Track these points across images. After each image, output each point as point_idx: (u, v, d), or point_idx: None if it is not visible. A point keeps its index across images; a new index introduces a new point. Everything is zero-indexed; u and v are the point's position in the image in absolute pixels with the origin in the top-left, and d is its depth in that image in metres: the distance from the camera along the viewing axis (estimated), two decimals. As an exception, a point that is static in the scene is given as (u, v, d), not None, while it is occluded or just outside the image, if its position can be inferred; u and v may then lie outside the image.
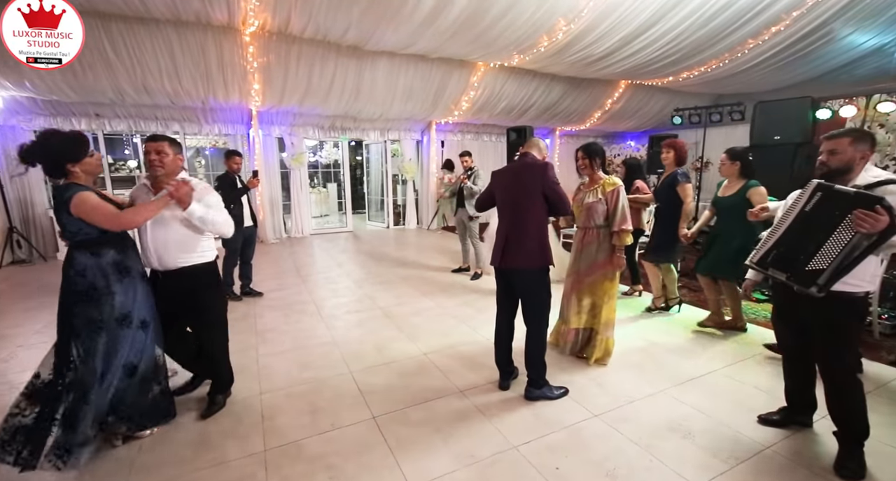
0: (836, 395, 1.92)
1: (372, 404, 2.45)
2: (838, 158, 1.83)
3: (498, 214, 2.65)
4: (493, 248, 2.60)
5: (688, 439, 2.12)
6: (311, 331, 3.56)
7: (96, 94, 5.89)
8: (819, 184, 1.77)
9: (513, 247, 2.44)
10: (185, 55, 5.55)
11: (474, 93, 7.85)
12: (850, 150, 1.81)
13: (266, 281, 5.08)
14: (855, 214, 1.59)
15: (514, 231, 2.45)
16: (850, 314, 1.85)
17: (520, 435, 2.16)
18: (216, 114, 7.23)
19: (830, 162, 1.85)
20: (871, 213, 1.55)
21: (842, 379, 1.89)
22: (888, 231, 1.56)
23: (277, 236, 8.17)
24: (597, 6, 5.16)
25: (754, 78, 7.93)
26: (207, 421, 2.29)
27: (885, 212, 1.54)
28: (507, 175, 2.57)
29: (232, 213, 4.15)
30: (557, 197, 2.41)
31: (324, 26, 5.40)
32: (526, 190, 2.43)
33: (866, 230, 1.56)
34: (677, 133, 8.74)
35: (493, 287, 4.71)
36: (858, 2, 5.48)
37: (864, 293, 1.83)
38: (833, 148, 1.84)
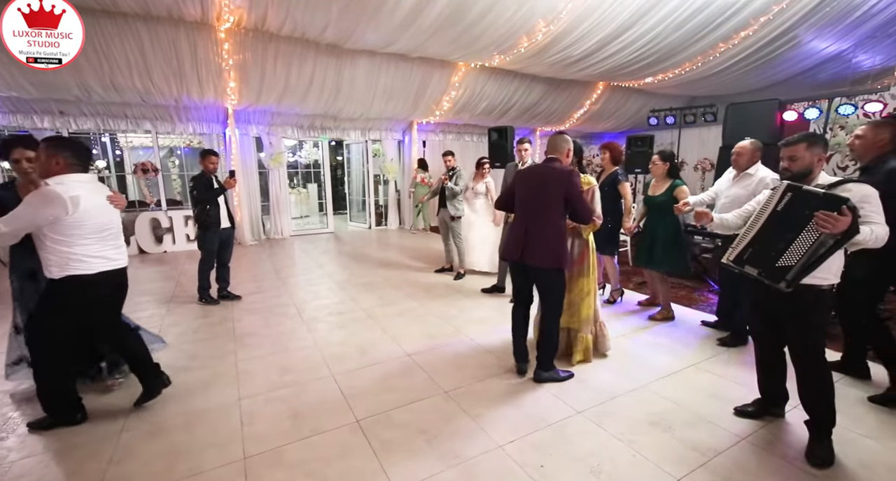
0: (807, 385, 2.00)
1: (355, 407, 2.41)
2: (798, 164, 1.93)
3: (515, 210, 2.73)
4: (508, 243, 2.71)
5: (668, 433, 2.16)
6: (292, 335, 3.48)
7: (60, 90, 5.63)
8: (789, 185, 1.85)
9: (533, 246, 2.57)
10: (156, 51, 5.36)
11: (455, 93, 7.85)
12: (808, 155, 1.91)
13: (244, 284, 4.95)
14: (816, 216, 1.66)
15: (535, 231, 2.58)
16: (818, 306, 1.92)
17: (505, 434, 2.16)
18: (190, 112, 7.01)
19: (792, 167, 1.95)
20: (832, 215, 1.63)
21: (812, 368, 1.97)
22: (850, 231, 1.64)
23: (256, 238, 7.99)
24: (575, 8, 5.24)
25: (726, 80, 8.20)
26: (183, 431, 2.21)
27: (850, 213, 1.62)
28: (536, 178, 2.63)
29: (208, 214, 4.09)
30: (583, 206, 2.57)
31: (302, 23, 5.31)
32: (551, 196, 2.55)
33: (828, 231, 1.64)
34: (654, 134, 8.95)
35: (476, 286, 4.76)
36: (819, 10, 5.75)
37: (830, 286, 1.91)
38: (791, 154, 1.95)
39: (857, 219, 1.66)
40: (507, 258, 2.74)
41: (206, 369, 2.89)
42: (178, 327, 3.67)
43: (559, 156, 2.66)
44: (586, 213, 2.60)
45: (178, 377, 2.76)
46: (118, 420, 2.30)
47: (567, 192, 2.52)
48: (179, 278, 5.30)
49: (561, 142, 2.67)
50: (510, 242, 2.69)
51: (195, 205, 4.14)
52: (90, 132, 6.97)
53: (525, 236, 2.59)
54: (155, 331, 3.52)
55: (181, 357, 3.08)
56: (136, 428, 2.23)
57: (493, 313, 3.96)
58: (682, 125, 7.94)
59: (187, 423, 2.27)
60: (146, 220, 6.87)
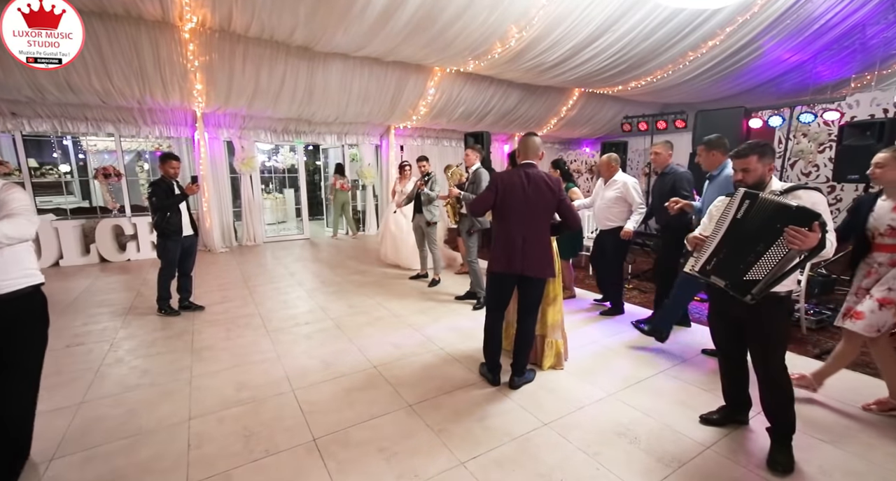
0: (768, 391, 2.00)
1: (313, 425, 2.29)
2: (752, 176, 1.95)
3: (504, 219, 2.58)
4: (506, 255, 2.53)
5: (634, 444, 2.13)
6: (254, 347, 3.33)
7: (10, 90, 5.34)
8: (746, 192, 1.83)
9: (531, 257, 2.52)
10: (115, 51, 5.13)
11: (432, 97, 7.81)
12: (760, 167, 1.94)
13: (209, 293, 4.75)
14: (787, 232, 1.63)
15: (533, 241, 2.53)
16: (777, 312, 1.93)
17: (467, 449, 2.08)
18: (156, 115, 6.74)
19: (746, 179, 1.96)
20: (801, 231, 1.60)
21: (773, 374, 1.96)
22: (818, 246, 1.63)
23: (227, 244, 7.73)
24: (547, 15, 5.27)
25: (696, 88, 8.43)
26: (123, 455, 2.05)
27: (818, 229, 1.60)
28: (527, 185, 2.51)
29: (168, 222, 3.89)
30: (571, 214, 2.58)
31: (269, 25, 5.17)
32: (547, 204, 2.53)
33: (797, 247, 1.62)
34: (627, 140, 9.11)
35: (449, 293, 4.69)
36: (780, 22, 5.98)
37: (787, 292, 1.94)
38: (745, 167, 1.96)
39: (826, 234, 1.64)
40: (507, 270, 2.54)
41: (157, 386, 2.72)
42: (132, 341, 3.47)
43: (537, 160, 2.62)
44: (575, 221, 2.60)
45: (125, 395, 2.59)
46: (49, 443, 2.12)
47: (561, 201, 2.53)
48: (140, 288, 5.05)
49: (538, 144, 2.64)
50: (510, 255, 2.51)
51: (154, 212, 3.93)
52: (48, 134, 6.64)
53: (523, 246, 2.50)
54: (106, 346, 3.35)
55: (132, 373, 2.89)
56: (69, 454, 2.06)
57: (466, 321, 3.89)
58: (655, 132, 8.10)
59: (129, 447, 2.11)
60: (108, 227, 6.56)
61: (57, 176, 10.11)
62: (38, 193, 6.73)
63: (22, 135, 6.18)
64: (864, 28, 6.60)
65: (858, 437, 2.17)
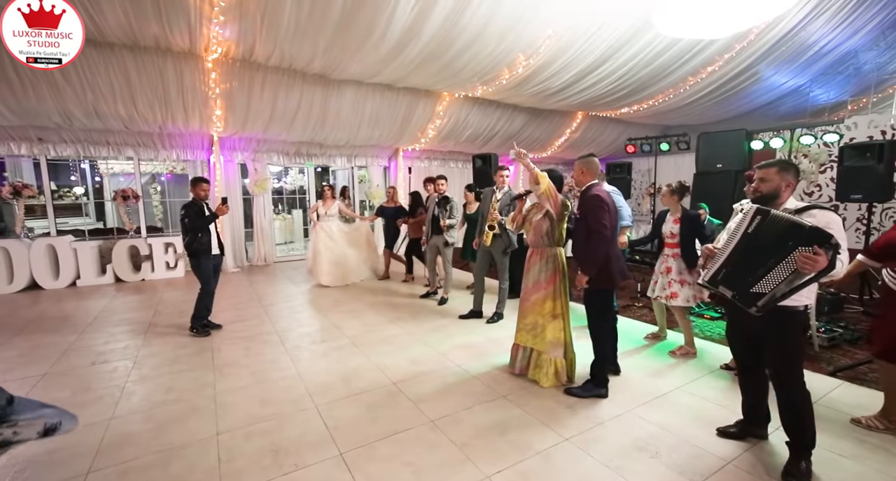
0: (787, 405, 2.03)
1: (338, 440, 2.34)
2: (767, 186, 2.01)
3: (613, 236, 2.77)
4: (618, 271, 2.79)
5: (655, 458, 2.16)
6: (274, 364, 3.39)
7: (40, 117, 5.59)
8: (758, 209, 1.88)
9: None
10: (142, 79, 5.40)
11: (440, 121, 8.07)
12: (777, 179, 2.00)
13: (226, 312, 4.83)
14: (797, 257, 1.70)
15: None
16: (792, 326, 1.99)
17: (492, 463, 2.12)
18: (174, 139, 7.00)
19: (761, 188, 2.04)
20: (812, 257, 1.67)
21: (790, 389, 2.00)
22: (828, 267, 1.69)
23: (239, 264, 7.85)
24: (553, 44, 5.53)
25: (696, 111, 8.69)
26: (158, 469, 2.10)
27: (823, 253, 1.67)
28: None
29: (200, 242, 4.01)
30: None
31: (289, 55, 5.45)
32: None
33: (808, 270, 1.69)
34: (631, 161, 9.32)
35: (460, 311, 4.73)
36: (776, 49, 6.23)
37: (803, 307, 1.98)
38: (763, 176, 2.04)
39: (837, 256, 1.68)
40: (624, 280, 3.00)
41: (183, 402, 2.78)
42: (155, 358, 3.54)
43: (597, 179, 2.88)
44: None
45: (153, 411, 2.65)
46: (84, 458, 2.18)
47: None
48: (157, 307, 5.14)
49: (598, 163, 2.87)
50: (622, 269, 2.84)
51: (187, 233, 4.01)
52: (70, 159, 6.89)
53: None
54: (130, 363, 3.42)
55: (157, 390, 2.96)
56: (104, 468, 2.11)
57: (479, 338, 3.95)
58: (658, 153, 8.30)
59: (163, 460, 2.17)
60: (124, 248, 6.71)
61: (74, 197, 10.39)
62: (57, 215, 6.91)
63: (46, 159, 6.42)
64: (857, 54, 6.86)
65: (879, 452, 2.20)
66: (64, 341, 3.94)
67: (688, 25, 4.78)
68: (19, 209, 6.26)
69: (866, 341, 3.56)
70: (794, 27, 5.82)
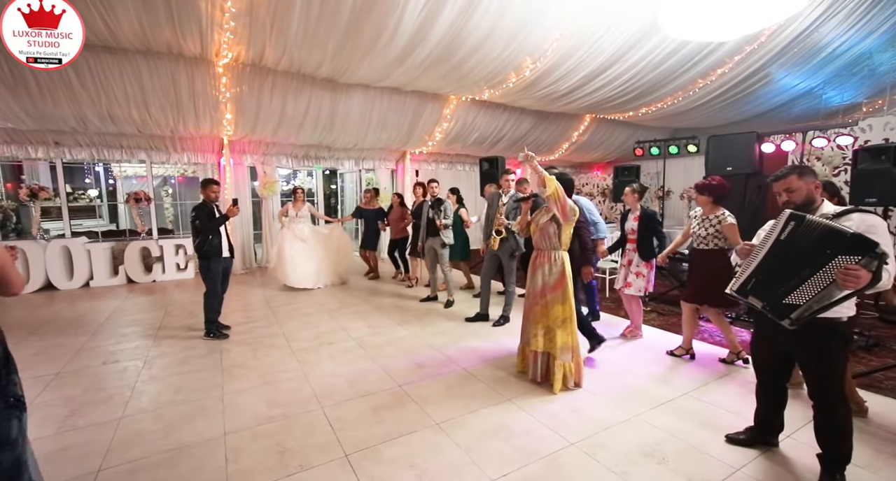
0: (825, 420, 1.93)
1: (344, 441, 2.35)
2: (797, 195, 1.87)
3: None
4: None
5: (662, 464, 2.14)
6: (281, 366, 3.42)
7: (56, 121, 5.72)
8: (792, 214, 1.72)
9: None
10: (154, 84, 5.50)
11: (447, 124, 8.10)
12: (803, 185, 1.86)
13: (234, 313, 4.88)
14: (837, 272, 1.56)
15: None
16: (833, 339, 1.84)
17: (497, 467, 2.11)
18: (185, 142, 7.11)
19: (793, 199, 1.88)
20: (854, 273, 1.51)
21: (831, 405, 1.89)
22: (873, 280, 1.52)
23: (247, 267, 7.93)
24: (560, 47, 5.53)
25: (706, 114, 8.59)
26: (166, 468, 2.13)
27: (864, 269, 1.51)
28: None
29: (211, 244, 4.03)
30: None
31: (298, 60, 5.52)
32: None
33: (851, 288, 1.52)
34: (640, 164, 9.24)
35: (466, 314, 4.73)
36: (788, 50, 6.15)
37: (847, 318, 1.84)
38: (787, 187, 1.88)
39: (885, 266, 1.50)
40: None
41: (192, 402, 2.81)
42: (164, 359, 3.59)
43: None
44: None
45: (162, 411, 2.69)
46: (96, 456, 2.21)
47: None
48: (167, 308, 5.22)
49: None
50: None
51: (197, 235, 4.00)
52: (84, 162, 7.03)
53: None
54: (140, 363, 3.47)
55: (167, 390, 3.00)
56: (115, 466, 2.15)
57: (485, 341, 3.94)
58: (667, 156, 8.22)
59: (170, 460, 2.19)
60: (136, 249, 6.82)
61: (88, 200, 10.59)
62: (72, 217, 7.06)
63: (62, 162, 6.56)
64: (871, 55, 6.75)
65: (893, 463, 2.14)
66: (77, 341, 4.02)
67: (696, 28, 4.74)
68: (36, 211, 6.41)
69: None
70: (807, 28, 5.73)
